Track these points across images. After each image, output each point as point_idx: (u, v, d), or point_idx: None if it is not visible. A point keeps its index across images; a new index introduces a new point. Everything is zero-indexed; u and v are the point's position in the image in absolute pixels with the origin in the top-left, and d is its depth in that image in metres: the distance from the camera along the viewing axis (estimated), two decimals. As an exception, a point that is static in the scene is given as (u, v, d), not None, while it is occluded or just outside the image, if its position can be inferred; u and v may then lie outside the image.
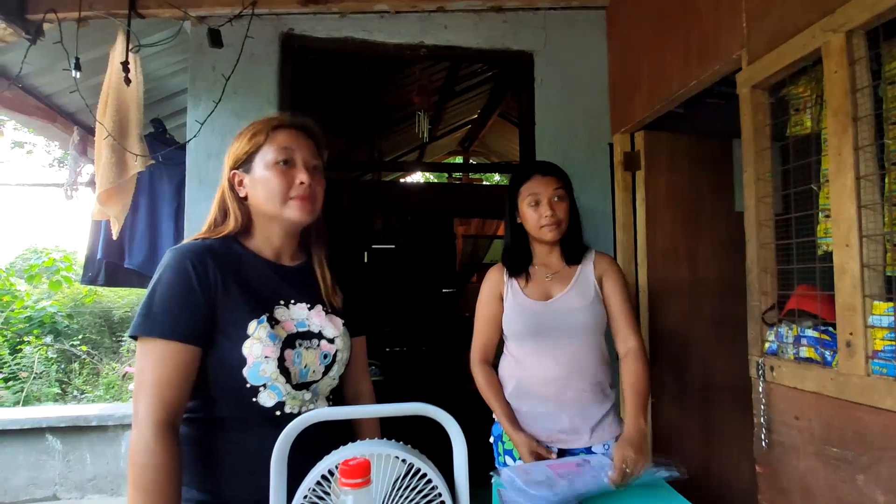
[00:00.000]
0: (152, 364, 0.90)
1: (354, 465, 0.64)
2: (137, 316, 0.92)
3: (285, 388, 0.96)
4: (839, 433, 1.27)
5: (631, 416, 1.36)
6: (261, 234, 1.06)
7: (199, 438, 0.96)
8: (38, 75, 2.58)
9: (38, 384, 6.57)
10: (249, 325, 0.95)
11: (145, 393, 0.89)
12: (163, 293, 0.93)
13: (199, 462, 0.95)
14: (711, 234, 2.32)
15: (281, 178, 1.01)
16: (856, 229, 1.22)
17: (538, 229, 1.49)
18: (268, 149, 1.02)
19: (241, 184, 1.04)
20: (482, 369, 1.57)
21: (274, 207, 1.02)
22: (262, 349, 0.94)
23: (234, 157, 1.05)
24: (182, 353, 0.91)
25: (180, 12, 1.96)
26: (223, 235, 1.03)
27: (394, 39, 2.35)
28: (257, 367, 0.94)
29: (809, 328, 1.39)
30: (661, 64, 2.08)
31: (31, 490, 2.90)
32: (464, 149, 6.70)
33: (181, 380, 0.91)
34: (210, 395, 0.96)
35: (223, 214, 1.06)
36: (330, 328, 1.06)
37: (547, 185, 1.48)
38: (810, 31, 1.34)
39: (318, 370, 1.02)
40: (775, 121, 1.58)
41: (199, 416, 0.97)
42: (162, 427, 0.88)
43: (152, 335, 0.90)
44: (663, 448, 2.20)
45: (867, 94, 1.23)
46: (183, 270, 0.94)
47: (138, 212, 2.73)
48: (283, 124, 1.05)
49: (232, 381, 0.94)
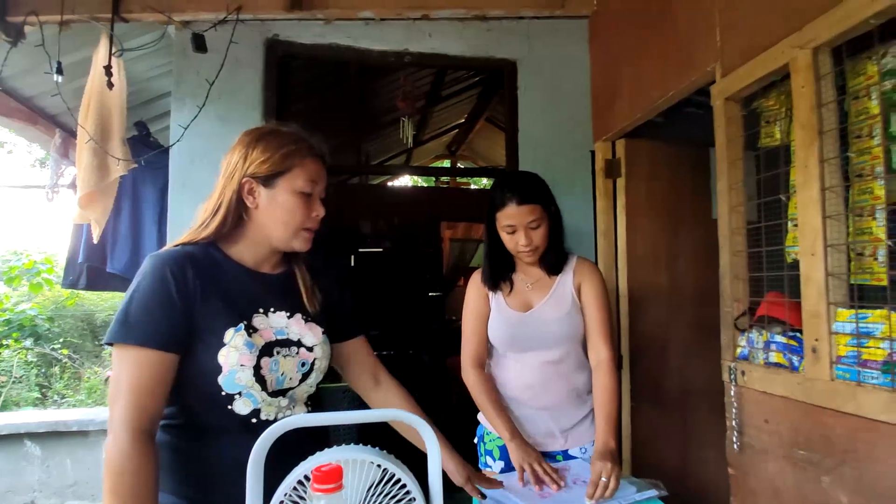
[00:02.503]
0: (128, 371, 0.90)
1: (326, 471, 0.66)
2: (114, 322, 0.92)
3: (261, 396, 0.97)
4: (806, 436, 1.31)
5: (600, 433, 1.37)
6: (247, 244, 1.05)
7: (176, 445, 0.96)
8: (19, 77, 2.56)
9: (17, 389, 6.45)
10: (226, 333, 0.95)
11: (121, 399, 0.89)
12: (141, 300, 0.93)
13: (176, 468, 0.96)
14: (690, 240, 2.37)
15: (303, 209, 1.02)
16: (821, 239, 1.26)
17: (516, 253, 1.50)
18: (297, 175, 1.02)
19: (252, 193, 1.02)
20: (475, 374, 1.53)
21: (284, 233, 1.03)
22: (238, 357, 0.95)
23: (257, 166, 1.01)
24: (159, 360, 0.91)
25: (164, 17, 1.96)
26: (203, 240, 1.02)
27: (379, 46, 2.38)
28: (232, 375, 0.94)
29: (779, 334, 1.43)
30: (641, 74, 2.12)
31: (9, 497, 2.86)
32: (451, 153, 6.73)
33: (158, 387, 0.91)
34: (186, 402, 0.96)
35: (215, 216, 1.03)
36: (309, 336, 1.06)
37: (522, 215, 1.42)
38: (779, 47, 1.39)
39: (294, 377, 1.03)
40: (748, 132, 1.62)
41: (176, 423, 0.97)
42: (138, 433, 0.87)
43: (129, 342, 0.91)
44: (642, 452, 2.24)
45: (832, 108, 1.28)
46: (162, 278, 0.94)
47: (121, 215, 2.71)
48: (314, 153, 1.06)
49: (207, 388, 0.94)
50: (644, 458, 2.27)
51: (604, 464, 1.23)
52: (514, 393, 1.51)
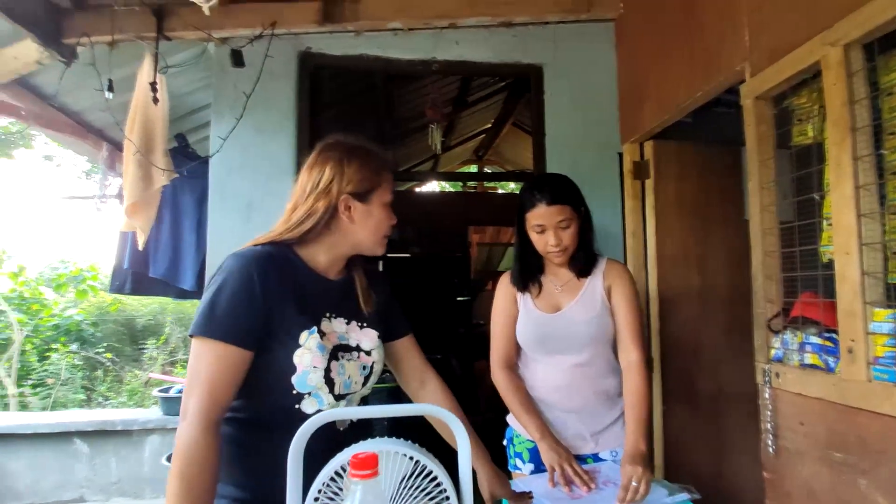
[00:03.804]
0: (207, 363, 0.94)
1: (364, 458, 0.69)
2: (200, 316, 0.96)
3: (327, 398, 1.02)
4: (842, 438, 1.29)
5: (630, 436, 1.36)
6: (325, 249, 1.10)
7: (240, 438, 1.01)
8: (69, 94, 2.71)
9: (64, 390, 6.75)
10: (301, 335, 1.00)
11: (199, 389, 0.93)
12: (227, 298, 0.96)
13: (237, 461, 1.00)
14: (722, 241, 2.34)
15: (388, 219, 1.12)
16: (855, 237, 1.24)
17: (545, 254, 1.50)
18: (386, 188, 1.11)
19: (349, 209, 1.07)
20: (505, 375, 1.54)
21: (371, 241, 1.11)
22: (312, 359, 1.00)
23: (355, 184, 1.07)
24: (237, 356, 0.96)
25: (204, 34, 2.06)
26: (281, 242, 1.07)
27: (407, 55, 2.43)
28: (305, 375, 0.99)
29: (814, 335, 1.41)
30: (669, 75, 2.12)
31: (59, 492, 2.99)
32: (478, 158, 6.76)
33: (233, 381, 0.96)
34: (255, 398, 1.01)
35: (303, 223, 1.06)
36: (367, 341, 1.11)
37: (552, 215, 1.43)
38: (810, 45, 1.38)
39: (358, 381, 1.08)
40: (780, 130, 1.61)
41: (241, 417, 1.02)
42: (209, 423, 0.92)
43: (212, 336, 0.95)
44: (674, 455, 2.22)
45: (865, 105, 1.26)
46: (248, 278, 0.98)
47: (162, 223, 2.84)
48: (391, 166, 1.15)
49: (279, 386, 0.99)
50: (677, 461, 2.24)
51: (634, 467, 1.22)
52: (542, 395, 1.52)
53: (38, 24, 1.91)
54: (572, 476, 1.29)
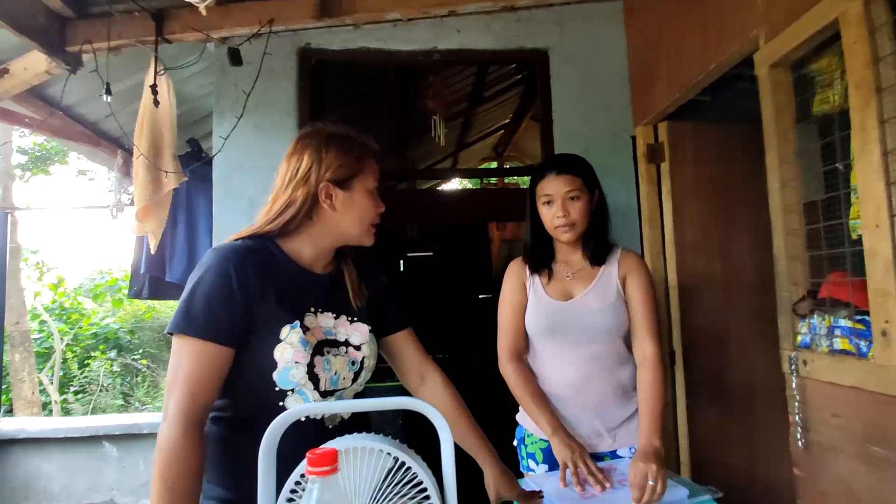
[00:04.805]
0: (187, 361, 0.92)
1: (321, 454, 0.65)
2: (177, 314, 0.94)
3: (312, 395, 0.98)
4: (881, 430, 1.17)
5: (644, 432, 1.30)
6: (309, 241, 1.06)
7: (225, 437, 0.99)
8: (83, 104, 2.78)
9: (104, 397, 6.99)
10: (283, 329, 0.97)
11: (178, 389, 0.91)
12: (203, 294, 0.94)
13: (223, 460, 0.98)
14: (746, 225, 2.20)
15: (374, 207, 1.07)
16: (885, 208, 1.13)
17: (553, 229, 1.44)
18: (368, 175, 1.07)
19: (329, 197, 1.04)
20: (513, 366, 1.47)
21: (356, 230, 1.06)
22: (293, 354, 0.96)
23: (334, 171, 1.03)
24: (217, 353, 0.93)
25: (203, 35, 2.06)
26: (262, 234, 1.04)
27: (407, 46, 2.39)
28: (287, 371, 0.96)
29: (843, 318, 1.29)
30: (681, 50, 2.01)
31: (91, 494, 3.07)
32: (498, 154, 6.67)
33: (213, 379, 0.93)
34: (238, 396, 0.98)
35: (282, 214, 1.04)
36: (356, 335, 1.07)
37: (560, 184, 1.40)
38: (827, 2, 1.27)
39: (347, 377, 1.04)
40: (799, 98, 1.49)
41: (226, 416, 0.99)
42: (191, 423, 0.90)
43: (190, 334, 0.93)
44: (701, 452, 2.09)
45: (891, 62, 1.14)
46: (224, 273, 0.95)
47: (177, 227, 2.88)
48: (373, 152, 1.10)
49: (261, 383, 0.96)
50: (705, 460, 2.12)
51: (647, 465, 1.15)
52: (555, 391, 1.45)
53: (41, 33, 1.95)
54: (586, 475, 1.22)
